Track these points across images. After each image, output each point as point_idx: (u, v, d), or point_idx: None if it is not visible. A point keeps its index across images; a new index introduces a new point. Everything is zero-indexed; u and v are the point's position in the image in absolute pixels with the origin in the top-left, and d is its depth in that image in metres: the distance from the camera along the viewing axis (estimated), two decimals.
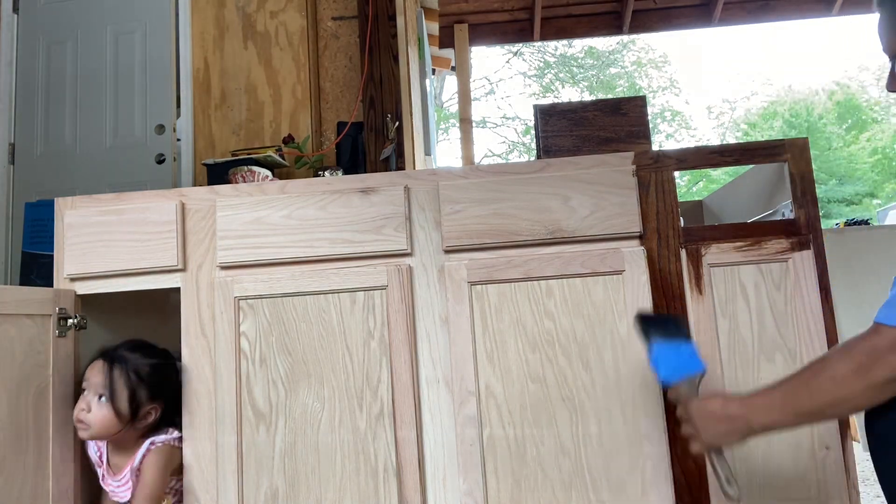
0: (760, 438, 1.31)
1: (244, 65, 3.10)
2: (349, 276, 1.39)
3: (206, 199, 1.48)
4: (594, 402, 1.31)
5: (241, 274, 1.43)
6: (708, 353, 1.35)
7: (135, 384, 1.32)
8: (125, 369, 1.32)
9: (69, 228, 1.48)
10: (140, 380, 1.33)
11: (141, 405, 1.32)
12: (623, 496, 1.28)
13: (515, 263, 1.36)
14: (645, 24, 4.69)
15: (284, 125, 3.03)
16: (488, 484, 1.31)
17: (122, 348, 1.36)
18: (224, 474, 1.35)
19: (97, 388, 1.31)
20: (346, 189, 1.44)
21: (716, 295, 1.38)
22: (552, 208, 1.39)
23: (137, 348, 1.37)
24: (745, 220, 1.87)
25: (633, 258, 1.34)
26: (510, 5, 4.58)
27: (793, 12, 4.58)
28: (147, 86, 3.18)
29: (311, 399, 1.37)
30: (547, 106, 1.64)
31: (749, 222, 1.45)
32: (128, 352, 1.35)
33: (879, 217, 9.03)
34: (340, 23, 3.18)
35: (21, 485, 1.25)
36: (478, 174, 1.43)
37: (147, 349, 1.39)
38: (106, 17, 3.27)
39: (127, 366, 1.33)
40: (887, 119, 17.00)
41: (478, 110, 16.26)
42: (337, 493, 1.34)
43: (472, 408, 1.33)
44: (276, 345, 1.39)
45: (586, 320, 1.34)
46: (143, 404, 1.33)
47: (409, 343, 1.37)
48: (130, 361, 1.34)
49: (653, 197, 1.42)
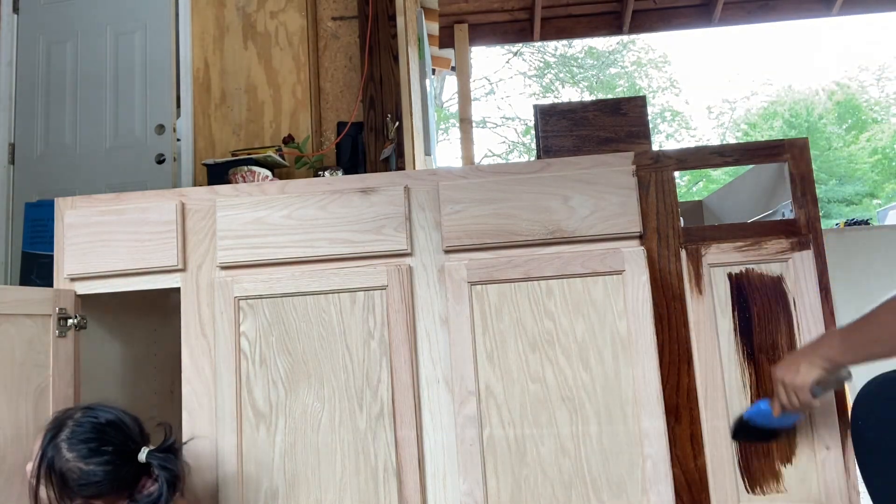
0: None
1: (244, 65, 3.10)
2: (349, 276, 1.39)
3: (206, 199, 1.48)
4: (594, 402, 1.31)
5: (241, 274, 1.43)
6: (708, 353, 1.35)
7: (59, 484, 1.12)
8: (52, 468, 1.12)
9: (69, 228, 1.48)
10: (66, 485, 1.12)
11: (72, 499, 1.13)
12: (623, 496, 1.28)
13: (515, 263, 1.36)
14: (645, 24, 4.69)
15: (284, 125, 3.03)
16: (488, 484, 1.31)
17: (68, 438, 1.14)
18: (224, 474, 1.35)
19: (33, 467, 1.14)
20: (346, 189, 1.44)
21: (716, 295, 1.38)
22: (552, 208, 1.39)
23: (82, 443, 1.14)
24: (745, 220, 1.87)
25: (633, 258, 1.34)
26: (510, 5, 4.58)
27: (793, 12, 4.58)
28: (147, 86, 3.18)
29: (311, 399, 1.37)
30: (547, 106, 1.64)
31: (749, 222, 1.45)
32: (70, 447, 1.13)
33: (879, 217, 9.03)
34: (340, 23, 3.18)
35: (21, 485, 1.25)
36: (478, 174, 1.43)
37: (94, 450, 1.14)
38: (106, 17, 3.27)
39: (55, 462, 1.12)
40: (887, 119, 17.00)
41: (478, 110, 16.27)
42: (337, 493, 1.34)
43: (472, 408, 1.33)
44: (276, 345, 1.39)
45: (586, 320, 1.34)
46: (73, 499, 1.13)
47: (409, 343, 1.37)
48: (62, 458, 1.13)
49: (653, 197, 1.42)
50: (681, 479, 1.33)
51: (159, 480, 1.16)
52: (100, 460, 1.14)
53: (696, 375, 1.35)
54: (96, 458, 1.14)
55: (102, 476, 1.14)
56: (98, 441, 1.15)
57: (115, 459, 1.15)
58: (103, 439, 1.16)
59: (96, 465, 1.14)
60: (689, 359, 1.36)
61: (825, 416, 1.32)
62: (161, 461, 1.17)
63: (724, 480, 1.32)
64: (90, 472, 1.13)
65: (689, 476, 1.33)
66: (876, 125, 16.89)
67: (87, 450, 1.14)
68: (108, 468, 1.14)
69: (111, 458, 1.15)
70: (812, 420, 1.32)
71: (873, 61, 18.77)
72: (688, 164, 1.44)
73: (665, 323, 1.37)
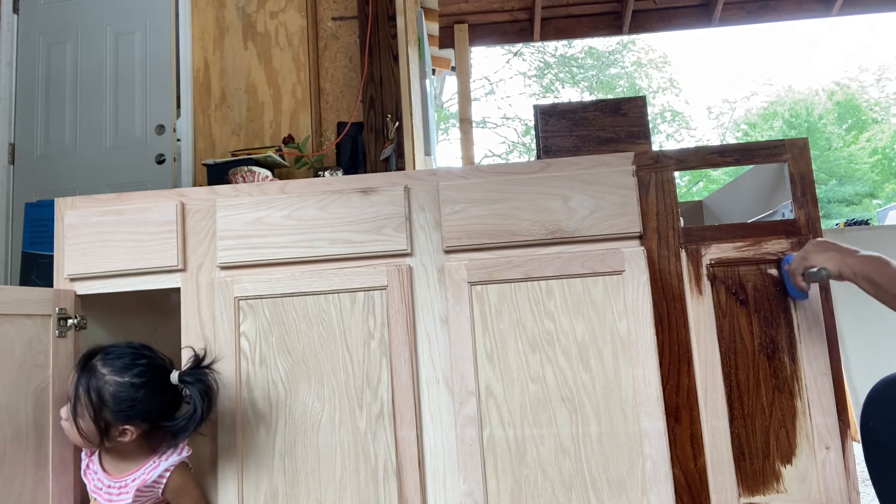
0: (761, 436, 1.32)
1: (244, 65, 3.10)
2: (349, 277, 1.39)
3: (206, 199, 1.48)
4: (594, 402, 1.31)
5: (241, 274, 1.43)
6: (708, 353, 1.35)
7: (98, 406, 1.17)
8: (88, 387, 1.18)
9: (69, 228, 1.48)
10: (103, 402, 1.17)
11: (110, 426, 1.18)
12: (623, 496, 1.28)
13: (515, 263, 1.36)
14: (645, 24, 4.69)
15: (284, 125, 3.03)
16: (488, 484, 1.31)
17: (101, 358, 1.21)
18: (224, 474, 1.35)
19: (68, 399, 1.21)
20: (346, 189, 1.44)
21: (716, 295, 1.38)
22: (552, 208, 1.39)
23: (116, 361, 1.20)
24: (745, 220, 1.87)
25: (633, 258, 1.34)
26: (510, 5, 4.58)
27: (793, 12, 4.58)
28: (147, 86, 3.18)
29: (311, 399, 1.37)
30: (547, 106, 1.64)
31: (749, 222, 1.45)
32: (102, 365, 1.20)
33: (879, 217, 9.03)
34: (340, 23, 3.18)
35: (21, 485, 1.25)
36: (478, 174, 1.43)
37: (127, 366, 1.20)
38: (106, 17, 3.28)
39: (91, 382, 1.18)
40: (887, 119, 17.00)
41: (478, 110, 16.28)
42: (337, 493, 1.34)
43: (472, 408, 1.33)
44: (276, 345, 1.39)
45: (586, 320, 1.34)
46: (111, 425, 1.18)
47: (409, 343, 1.37)
48: (98, 377, 1.18)
49: (653, 197, 1.42)
50: (681, 480, 1.33)
51: (192, 397, 1.22)
52: (135, 372, 1.20)
53: (696, 376, 1.35)
54: (131, 370, 1.19)
55: (139, 389, 1.19)
56: (131, 357, 1.21)
57: (149, 373, 1.21)
58: (136, 354, 1.22)
59: (132, 377, 1.19)
60: (689, 359, 1.36)
61: (825, 416, 1.32)
62: (192, 376, 1.23)
63: (724, 480, 1.32)
64: (127, 386, 1.18)
65: (689, 476, 1.33)
66: (876, 125, 16.89)
67: (122, 364, 1.20)
68: (143, 380, 1.20)
69: (145, 370, 1.21)
70: (812, 420, 1.32)
71: (873, 61, 18.74)
72: (688, 164, 1.44)
73: (665, 323, 1.37)
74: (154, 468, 1.23)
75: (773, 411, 1.34)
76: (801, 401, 1.34)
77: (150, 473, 1.23)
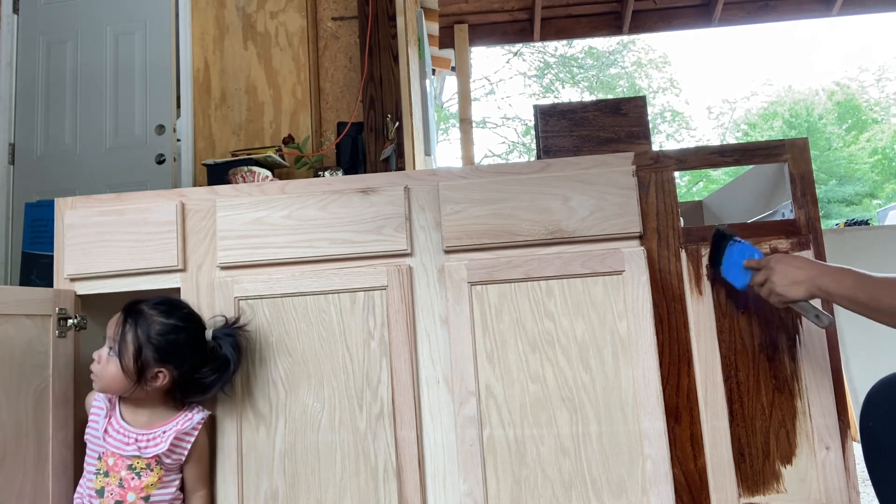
0: (761, 437, 1.32)
1: (244, 65, 3.10)
2: (349, 277, 1.39)
3: (206, 199, 1.48)
4: (594, 402, 1.31)
5: (241, 274, 1.43)
6: (708, 353, 1.35)
7: (142, 342, 1.23)
8: (136, 325, 1.24)
9: (69, 228, 1.48)
10: (148, 338, 1.24)
11: (147, 366, 1.23)
12: (623, 496, 1.28)
13: (515, 264, 1.36)
14: (645, 24, 4.69)
15: (284, 125, 3.03)
16: (488, 484, 1.31)
17: (147, 303, 1.28)
18: (224, 474, 1.35)
19: (109, 340, 1.25)
20: (346, 189, 1.44)
21: (716, 295, 1.38)
22: (552, 209, 1.39)
23: (161, 305, 1.29)
24: (745, 220, 1.87)
25: (633, 258, 1.34)
26: (510, 5, 4.58)
27: (793, 12, 4.58)
28: (147, 86, 3.18)
29: (311, 399, 1.37)
30: (547, 106, 1.64)
31: (749, 222, 1.45)
32: (149, 308, 1.27)
33: (879, 217, 9.04)
34: (340, 23, 3.18)
35: (21, 485, 1.25)
36: (478, 174, 1.43)
37: (171, 310, 1.29)
38: (106, 17, 3.28)
39: (139, 321, 1.25)
40: (887, 119, 17.00)
41: (478, 110, 16.27)
42: (337, 493, 1.34)
43: (472, 408, 1.33)
44: (276, 345, 1.39)
45: (586, 320, 1.34)
46: (149, 365, 1.23)
47: (409, 343, 1.37)
48: (145, 318, 1.25)
49: (653, 197, 1.42)
50: (681, 480, 1.33)
51: (224, 351, 1.31)
52: (179, 315, 1.29)
53: (696, 376, 1.35)
54: (176, 314, 1.29)
55: (181, 332, 1.28)
56: (176, 304, 1.32)
57: (191, 319, 1.32)
58: (179, 303, 1.34)
59: (177, 319, 1.28)
60: (689, 359, 1.36)
61: (825, 416, 1.32)
62: (225, 332, 1.33)
63: (724, 481, 1.32)
64: (171, 326, 1.26)
65: (689, 476, 1.33)
66: (876, 125, 16.89)
67: (167, 308, 1.29)
68: (186, 324, 1.29)
69: (188, 316, 1.32)
70: (812, 420, 1.32)
71: (873, 61, 18.74)
72: (688, 165, 1.44)
73: (665, 323, 1.37)
74: (188, 420, 1.28)
75: (774, 411, 1.34)
76: (801, 401, 1.34)
77: (185, 424, 1.27)
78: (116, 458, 1.24)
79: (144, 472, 1.24)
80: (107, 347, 1.25)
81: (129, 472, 1.24)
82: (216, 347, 1.32)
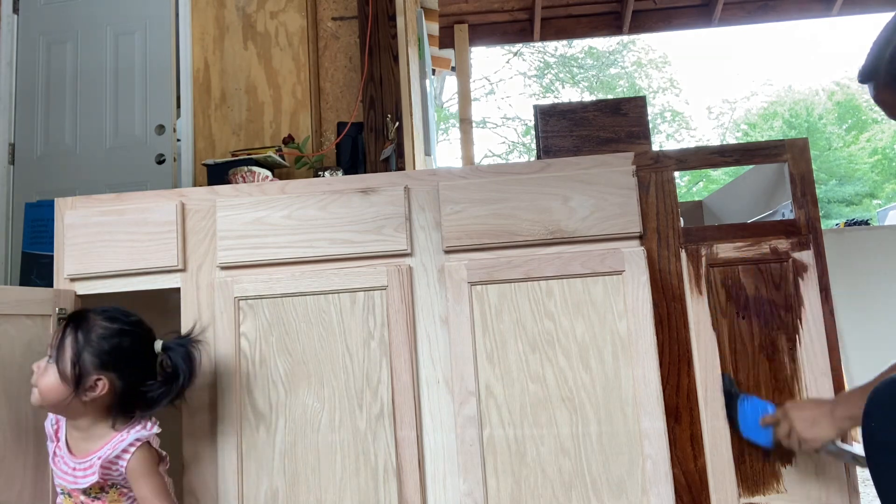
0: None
1: (244, 65, 3.10)
2: (349, 277, 1.39)
3: (206, 199, 1.48)
4: (594, 402, 1.31)
5: (241, 274, 1.43)
6: (708, 353, 1.35)
7: (81, 346, 1.15)
8: (76, 329, 1.17)
9: (69, 228, 1.48)
10: (87, 342, 1.15)
11: (86, 373, 1.14)
12: (623, 496, 1.28)
13: (515, 264, 1.36)
14: (645, 24, 4.69)
15: (284, 125, 3.03)
16: (488, 484, 1.31)
17: (93, 310, 1.21)
18: (224, 474, 1.35)
19: (49, 349, 1.18)
20: (346, 189, 1.44)
21: (716, 295, 1.38)
22: (552, 209, 1.39)
23: (107, 311, 1.21)
24: (745, 220, 1.87)
25: (633, 258, 1.34)
26: (510, 5, 4.58)
27: (793, 12, 4.58)
28: (147, 86, 3.18)
29: (311, 399, 1.37)
30: (547, 106, 1.64)
31: (749, 222, 1.45)
32: (94, 314, 1.20)
33: (879, 217, 9.04)
34: (340, 23, 3.18)
35: (21, 485, 1.25)
36: (478, 174, 1.43)
37: (117, 315, 1.21)
38: (106, 17, 3.28)
39: (80, 325, 1.17)
40: (887, 119, 16.99)
41: (478, 110, 16.28)
42: (337, 493, 1.34)
43: (472, 408, 1.33)
44: (276, 345, 1.39)
45: (586, 320, 1.34)
46: (88, 372, 1.14)
47: (409, 343, 1.37)
48: (87, 321, 1.18)
49: (653, 197, 1.42)
50: (681, 480, 1.33)
51: (174, 358, 1.23)
52: (124, 321, 1.21)
53: (696, 376, 1.35)
54: (121, 320, 1.21)
55: (125, 336, 1.19)
56: (122, 312, 1.23)
57: (137, 326, 1.23)
58: (126, 313, 1.24)
59: (121, 324, 1.20)
60: (689, 359, 1.36)
61: None
62: (177, 342, 1.25)
63: (725, 481, 1.32)
64: (114, 331, 1.18)
65: (689, 476, 1.33)
66: (876, 125, 16.89)
67: (112, 314, 1.21)
68: (131, 329, 1.21)
69: (135, 323, 1.23)
70: None
71: None
72: (688, 165, 1.44)
73: (665, 323, 1.37)
74: (121, 441, 1.17)
75: None
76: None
77: (115, 447, 1.16)
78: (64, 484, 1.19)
79: (101, 495, 1.18)
80: (46, 356, 1.18)
81: (87, 498, 1.18)
82: (166, 360, 1.23)
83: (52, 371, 1.15)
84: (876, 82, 0.95)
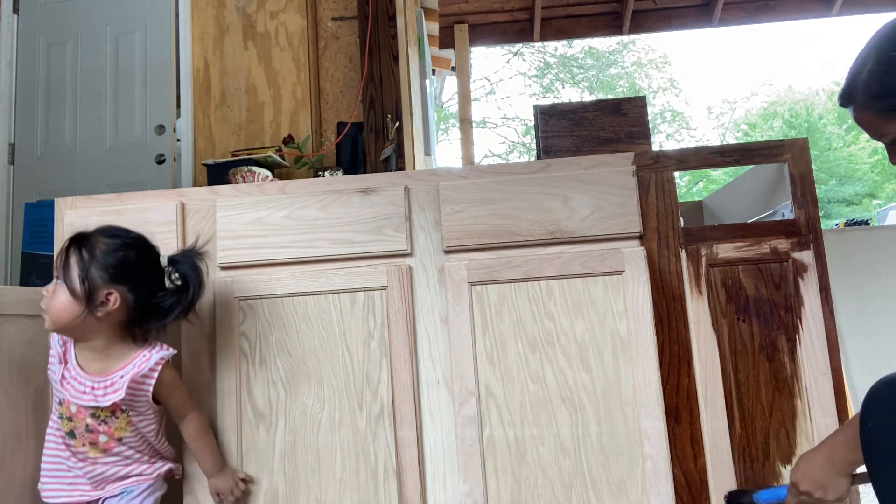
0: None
1: (244, 65, 3.10)
2: (349, 277, 1.39)
3: (206, 199, 1.48)
4: (594, 402, 1.31)
5: (241, 274, 1.43)
6: (708, 353, 1.35)
7: (87, 262, 1.14)
8: (80, 247, 1.16)
9: (69, 228, 1.47)
10: (93, 257, 1.15)
11: (96, 287, 1.13)
12: (623, 496, 1.28)
13: (515, 264, 1.36)
14: (645, 24, 4.69)
15: (284, 125, 3.03)
16: (488, 484, 1.31)
17: (91, 231, 1.20)
18: None
19: (55, 270, 1.18)
20: (346, 189, 1.44)
21: (716, 295, 1.38)
22: (552, 209, 1.39)
23: (107, 228, 1.21)
24: (745, 220, 1.87)
25: (633, 258, 1.34)
26: (510, 5, 4.58)
27: (793, 12, 4.58)
28: (147, 86, 3.18)
29: (311, 399, 1.37)
30: (547, 106, 1.64)
31: (749, 222, 1.45)
32: (95, 233, 1.20)
33: (879, 217, 9.04)
34: (340, 23, 3.18)
35: (21, 485, 1.25)
36: (478, 174, 1.43)
37: (118, 231, 1.22)
38: (106, 17, 3.28)
39: (83, 244, 1.17)
40: None
41: (478, 110, 16.28)
42: (337, 493, 1.34)
43: (472, 408, 1.33)
44: (276, 345, 1.39)
45: (586, 320, 1.34)
46: (98, 287, 1.13)
47: (409, 343, 1.37)
48: (89, 240, 1.18)
49: (653, 197, 1.42)
50: (681, 480, 1.33)
51: (181, 268, 1.24)
52: (127, 235, 1.22)
53: (696, 376, 1.35)
54: (123, 235, 1.21)
55: (130, 248, 1.20)
56: (123, 229, 1.23)
57: (140, 239, 1.23)
58: (127, 230, 1.24)
59: (123, 239, 1.20)
60: (689, 359, 1.36)
61: (825, 416, 1.32)
62: (181, 255, 1.26)
63: (725, 481, 1.32)
64: (118, 244, 1.18)
65: (689, 476, 1.33)
66: None
67: (113, 229, 1.22)
68: (135, 241, 1.22)
69: (137, 236, 1.23)
70: (812, 420, 1.32)
71: None
72: (688, 165, 1.44)
73: (665, 323, 1.37)
74: (146, 360, 1.19)
75: (773, 412, 1.34)
76: (801, 401, 1.34)
77: (142, 365, 1.18)
78: (78, 406, 1.17)
79: (110, 419, 1.18)
80: (54, 279, 1.17)
81: (94, 420, 1.17)
82: (173, 272, 1.24)
83: (61, 290, 1.14)
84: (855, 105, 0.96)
